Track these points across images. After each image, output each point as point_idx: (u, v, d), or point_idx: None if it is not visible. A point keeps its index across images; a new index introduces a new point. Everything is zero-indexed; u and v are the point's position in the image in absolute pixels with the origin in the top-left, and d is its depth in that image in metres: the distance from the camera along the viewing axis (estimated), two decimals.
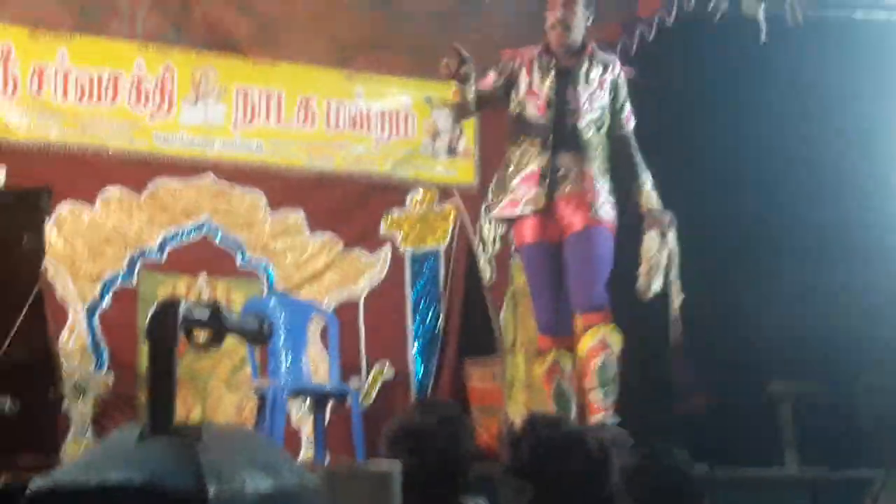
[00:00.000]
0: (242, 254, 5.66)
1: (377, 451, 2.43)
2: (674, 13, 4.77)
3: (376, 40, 5.65)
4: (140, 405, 5.15)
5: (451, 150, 6.03)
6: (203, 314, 1.52)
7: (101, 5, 5.25)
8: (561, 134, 3.99)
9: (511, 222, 4.22)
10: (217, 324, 1.55)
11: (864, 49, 4.41)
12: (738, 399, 4.44)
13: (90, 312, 5.30)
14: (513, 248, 5.68)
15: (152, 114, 5.46)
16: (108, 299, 5.35)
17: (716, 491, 2.63)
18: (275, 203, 5.74)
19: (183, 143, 5.51)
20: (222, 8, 5.32)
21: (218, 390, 5.47)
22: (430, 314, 6.02)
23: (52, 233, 5.20)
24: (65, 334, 5.16)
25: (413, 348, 5.94)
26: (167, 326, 1.42)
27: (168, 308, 1.42)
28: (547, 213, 4.00)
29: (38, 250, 3.13)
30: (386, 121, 5.95)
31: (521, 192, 4.06)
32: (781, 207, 4.86)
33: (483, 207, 5.97)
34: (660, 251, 3.85)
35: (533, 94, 4.03)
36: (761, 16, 4.04)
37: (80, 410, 5.09)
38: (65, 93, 5.30)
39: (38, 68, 5.26)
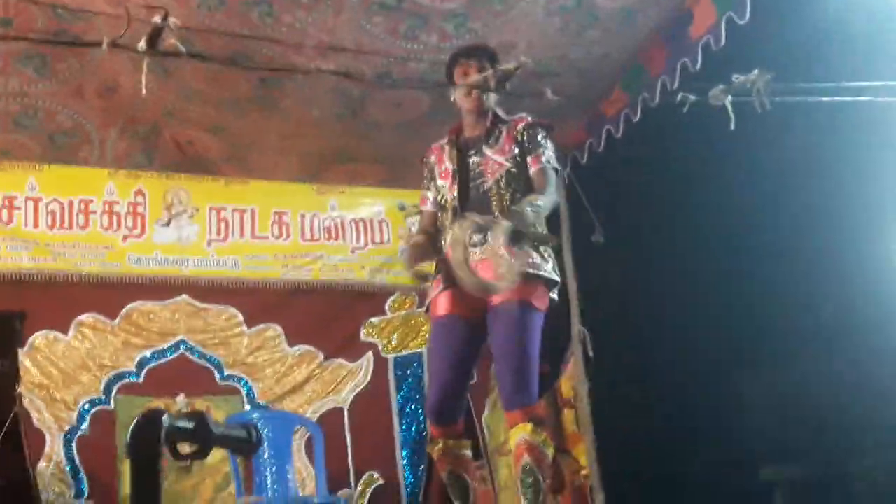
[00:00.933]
0: (221, 371, 5.61)
1: None
2: (639, 110, 4.86)
3: (346, 152, 5.72)
4: None
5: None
6: (188, 425, 1.48)
7: (70, 133, 5.27)
8: (467, 201, 3.78)
9: None
10: (203, 433, 1.52)
11: (830, 130, 4.53)
12: (732, 486, 4.37)
13: (68, 439, 5.22)
14: None
15: (125, 236, 5.47)
16: (85, 425, 5.27)
17: None
18: (251, 318, 5.72)
19: (157, 263, 5.52)
20: (192, 130, 5.36)
21: None
22: (417, 419, 5.95)
23: (26, 361, 5.17)
24: (42, 462, 5.05)
25: (401, 454, 5.84)
26: (151, 438, 1.38)
27: (151, 419, 1.39)
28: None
29: (13, 375, 3.07)
30: (360, 229, 6.00)
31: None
32: (769, 290, 4.89)
33: None
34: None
35: (445, 175, 3.91)
36: (728, 105, 4.12)
37: None
38: (35, 221, 5.33)
39: (8, 199, 5.30)
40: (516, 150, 3.84)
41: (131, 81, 4.69)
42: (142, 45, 3.42)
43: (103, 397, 5.35)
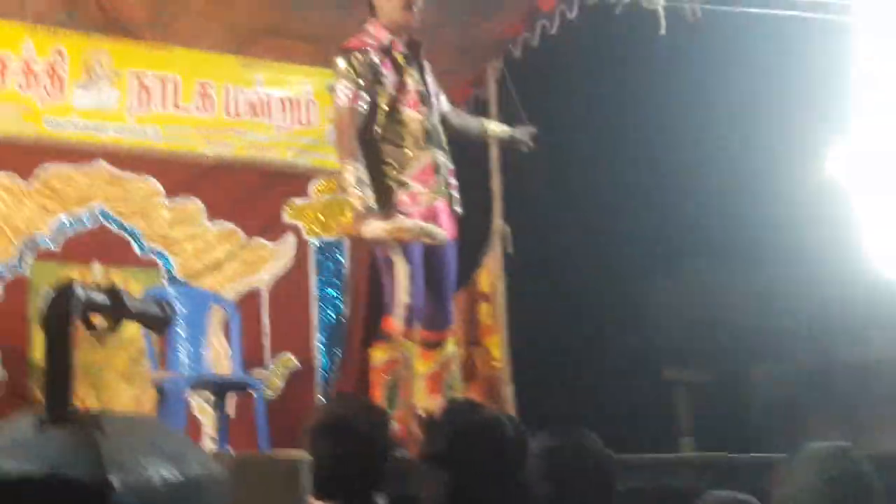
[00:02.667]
0: (139, 243, 5.52)
1: (282, 443, 2.40)
2: (575, 6, 4.81)
3: (276, 28, 5.55)
4: (34, 399, 4.98)
5: None
6: (102, 298, 1.46)
7: None
8: (431, 129, 3.92)
9: None
10: (117, 307, 1.50)
11: (758, 43, 4.56)
12: (635, 386, 4.54)
13: None
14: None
15: (42, 98, 5.26)
16: None
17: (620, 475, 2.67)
18: (172, 191, 5.60)
19: (75, 127, 5.33)
20: None
21: (114, 383, 5.31)
22: (335, 304, 5.97)
23: None
24: None
25: (318, 338, 5.88)
26: (63, 310, 1.36)
27: (65, 291, 1.36)
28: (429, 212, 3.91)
29: None
30: (287, 108, 5.88)
31: (416, 189, 3.91)
32: (681, 203, 4.99)
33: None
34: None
35: (403, 90, 3.90)
36: (660, 10, 4.11)
37: None
38: None
39: None
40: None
41: None
42: None
43: (17, 263, 5.22)
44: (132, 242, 5.50)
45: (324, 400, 5.66)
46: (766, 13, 4.08)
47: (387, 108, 3.88)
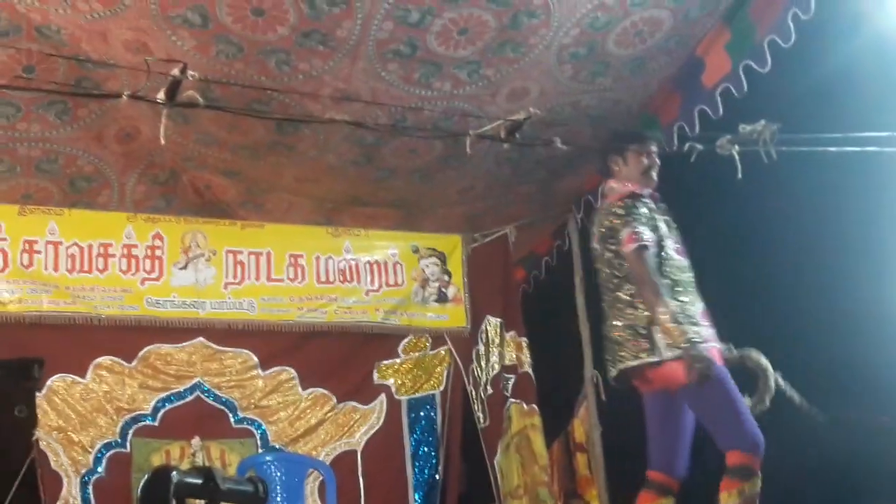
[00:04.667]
0: (235, 413, 5.64)
1: None
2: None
3: (361, 197, 5.78)
4: None
5: (442, 296, 6.10)
6: (196, 481, 1.51)
7: (90, 178, 5.37)
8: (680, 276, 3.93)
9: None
10: (211, 490, 1.55)
11: (837, 180, 4.55)
12: None
13: (84, 482, 5.22)
14: (507, 393, 5.70)
15: (143, 280, 5.51)
16: (101, 467, 5.28)
17: None
18: (266, 361, 5.75)
19: (174, 306, 5.54)
20: (209, 174, 5.44)
21: None
22: (430, 461, 5.94)
23: (44, 404, 5.21)
24: None
25: (414, 497, 5.83)
26: (160, 496, 1.42)
27: (160, 476, 1.43)
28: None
29: (31, 420, 3.11)
30: (375, 272, 6.02)
31: (704, 329, 3.81)
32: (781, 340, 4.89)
33: (473, 351, 6.00)
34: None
35: (667, 237, 3.98)
36: (735, 155, 4.17)
37: None
38: (55, 265, 5.34)
39: (29, 243, 5.32)
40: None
41: (151, 128, 4.78)
42: (161, 96, 3.51)
43: (119, 440, 5.37)
44: (228, 414, 5.63)
45: None
46: (843, 150, 4.09)
47: (662, 254, 3.93)
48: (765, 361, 3.95)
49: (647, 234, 3.86)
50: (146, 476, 1.44)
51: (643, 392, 3.97)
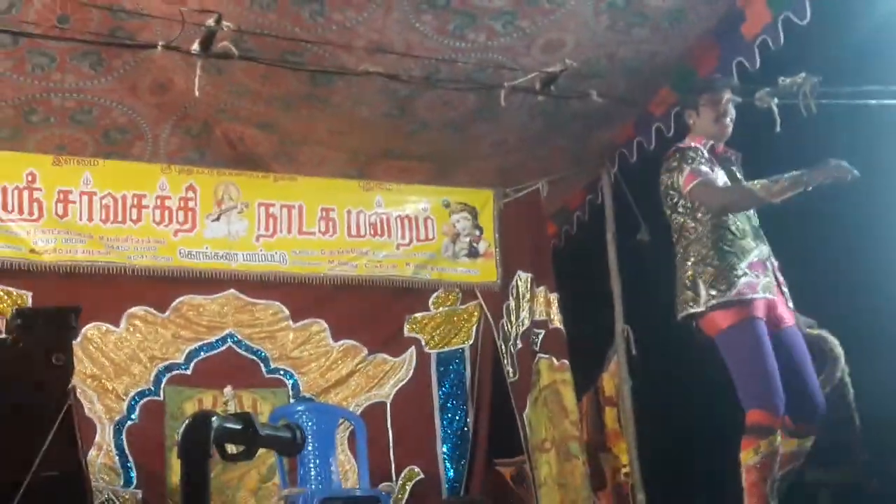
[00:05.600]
0: (267, 364, 5.70)
1: None
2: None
3: (394, 150, 5.76)
4: None
5: (473, 251, 6.10)
6: (235, 427, 1.53)
7: (124, 129, 5.38)
8: (759, 225, 4.04)
9: None
10: (250, 436, 1.56)
11: (878, 135, 4.47)
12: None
13: (118, 429, 5.33)
14: (537, 348, 5.71)
15: (176, 231, 5.55)
16: (135, 415, 5.38)
17: None
18: (297, 313, 5.81)
19: (206, 257, 5.59)
20: (243, 126, 5.44)
21: (247, 501, 5.42)
22: (458, 414, 5.99)
23: (78, 352, 5.29)
24: (93, 451, 5.17)
25: (443, 449, 5.89)
26: (200, 440, 1.43)
27: (201, 422, 1.44)
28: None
29: (68, 368, 3.16)
30: (406, 226, 6.03)
31: (754, 278, 3.86)
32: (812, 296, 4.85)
33: (503, 306, 6.00)
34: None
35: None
36: (774, 108, 4.10)
37: None
38: (90, 215, 5.40)
39: (64, 193, 5.37)
40: None
41: (184, 79, 4.77)
42: (195, 47, 3.51)
43: (153, 388, 5.46)
44: (260, 364, 5.69)
45: None
46: (883, 104, 4.01)
47: None
48: (839, 350, 3.92)
49: (705, 168, 3.94)
50: (186, 421, 1.45)
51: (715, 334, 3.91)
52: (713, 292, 3.81)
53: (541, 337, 5.79)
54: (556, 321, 5.79)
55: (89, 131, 5.34)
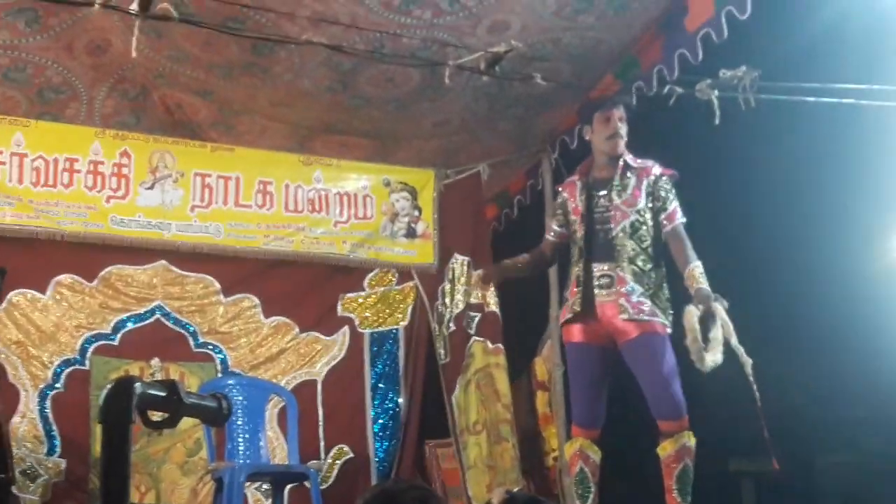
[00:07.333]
0: (196, 338, 5.62)
1: None
2: (633, 98, 4.85)
3: (335, 125, 5.69)
4: (92, 489, 5.04)
5: (411, 232, 6.07)
6: (159, 393, 1.49)
7: (59, 89, 5.23)
8: (593, 244, 4.20)
9: None
10: (174, 403, 1.53)
11: (816, 131, 4.56)
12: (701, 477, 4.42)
13: (42, 397, 5.23)
14: (472, 331, 5.72)
15: (108, 197, 5.43)
16: (60, 383, 5.27)
17: None
18: (229, 288, 5.73)
19: (139, 226, 5.48)
20: (181, 93, 5.33)
21: (172, 474, 5.36)
22: (390, 395, 5.98)
23: (3, 317, 5.18)
24: (16, 417, 5.07)
25: (373, 429, 5.87)
26: (122, 405, 1.39)
27: (123, 387, 1.40)
28: (590, 316, 4.16)
29: None
30: (344, 203, 5.97)
31: (569, 300, 4.28)
32: (743, 293, 4.93)
33: (439, 289, 6.00)
34: (709, 326, 3.92)
35: (577, 213, 4.31)
36: (714, 100, 4.16)
37: (30, 496, 4.96)
38: (20, 177, 5.27)
39: None
40: (645, 202, 4.18)
41: (122, 41, 4.65)
42: (134, 6, 3.41)
43: (78, 357, 5.35)
44: (188, 338, 5.61)
45: None
46: (820, 101, 4.08)
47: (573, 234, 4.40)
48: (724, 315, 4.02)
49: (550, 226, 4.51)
50: (108, 386, 1.41)
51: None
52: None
53: (476, 320, 5.79)
54: (493, 305, 5.79)
55: (23, 89, 5.19)
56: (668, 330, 4.09)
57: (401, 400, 5.98)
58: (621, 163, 4.24)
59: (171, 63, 4.97)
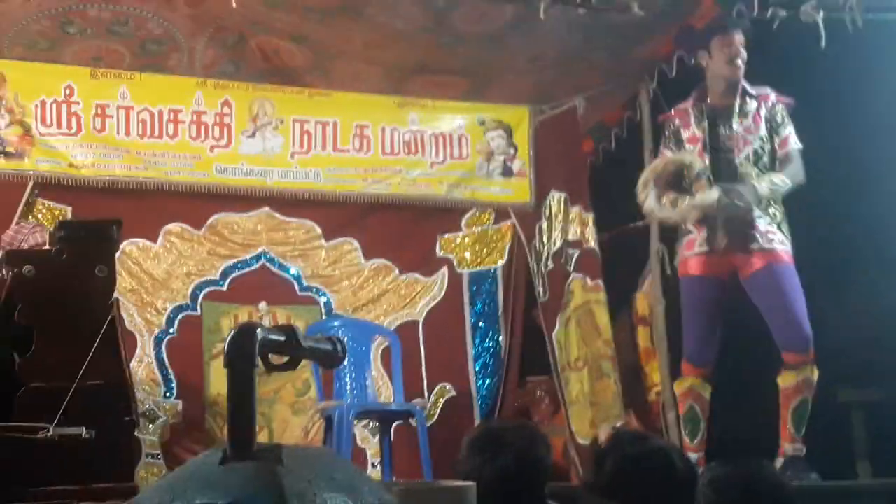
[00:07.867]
0: (300, 282, 5.74)
1: (440, 471, 2.43)
2: (747, 21, 4.68)
3: (429, 64, 5.66)
4: (209, 429, 5.25)
5: (507, 170, 6.05)
6: (279, 338, 1.54)
7: (160, 42, 5.33)
8: (719, 172, 4.16)
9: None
10: (294, 347, 1.57)
11: None
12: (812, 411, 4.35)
13: (157, 342, 5.43)
14: (570, 268, 5.70)
15: (212, 146, 5.55)
16: (173, 328, 5.47)
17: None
18: (329, 232, 5.83)
19: (242, 173, 5.60)
20: (277, 39, 5.37)
21: (283, 413, 5.54)
22: (490, 333, 6.02)
23: (117, 266, 5.36)
24: (134, 362, 5.26)
25: (474, 368, 5.93)
26: (246, 350, 1.43)
27: (247, 332, 1.44)
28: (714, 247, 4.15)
29: (111, 280, 3.19)
30: (440, 144, 5.98)
31: (694, 232, 4.24)
32: (847, 221, 4.79)
33: (537, 226, 5.98)
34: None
35: (694, 140, 4.26)
36: (820, 22, 4.01)
37: (150, 437, 5.19)
38: (127, 130, 5.41)
39: (101, 107, 5.38)
40: (764, 128, 4.17)
41: None
42: None
43: (190, 303, 5.54)
44: (293, 282, 5.74)
45: None
46: None
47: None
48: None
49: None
50: (232, 331, 1.46)
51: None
52: None
53: (574, 257, 5.77)
54: (592, 241, 5.75)
55: (126, 43, 5.30)
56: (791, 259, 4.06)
57: (501, 338, 6.02)
58: (740, 89, 4.15)
59: (267, 9, 5.01)
